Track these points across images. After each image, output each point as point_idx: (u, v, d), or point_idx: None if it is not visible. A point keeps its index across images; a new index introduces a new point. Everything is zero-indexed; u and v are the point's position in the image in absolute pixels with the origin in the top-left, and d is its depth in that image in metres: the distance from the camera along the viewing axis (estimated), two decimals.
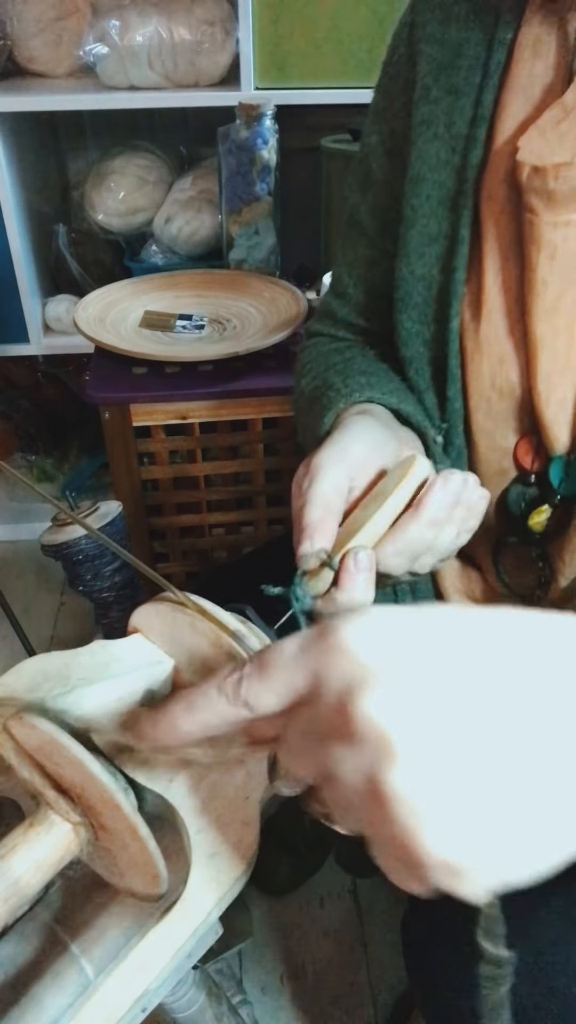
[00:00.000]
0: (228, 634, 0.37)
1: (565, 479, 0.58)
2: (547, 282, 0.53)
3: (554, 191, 0.50)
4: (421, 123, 0.59)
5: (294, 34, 1.28)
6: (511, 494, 0.63)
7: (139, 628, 0.41)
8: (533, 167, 0.51)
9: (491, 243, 0.57)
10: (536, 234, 0.52)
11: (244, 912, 1.08)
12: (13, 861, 0.31)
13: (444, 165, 0.58)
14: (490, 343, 0.58)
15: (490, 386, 0.59)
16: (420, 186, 0.60)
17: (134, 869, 0.31)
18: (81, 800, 0.32)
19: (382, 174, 0.66)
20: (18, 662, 0.38)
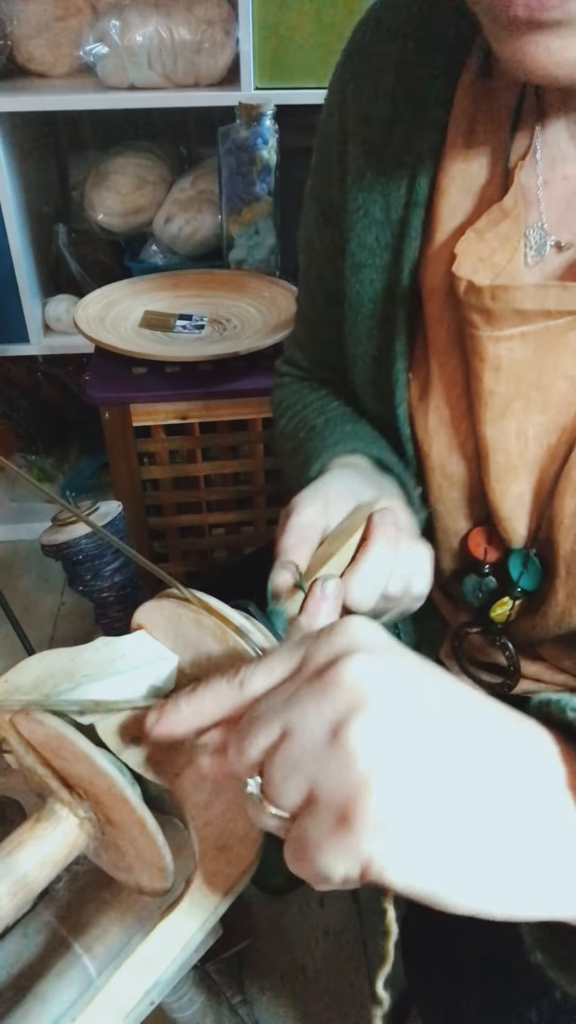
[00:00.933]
0: (233, 630, 0.37)
1: (525, 572, 0.56)
2: (494, 392, 0.51)
3: (492, 310, 0.48)
4: (357, 209, 0.57)
5: (294, 34, 1.28)
6: (466, 585, 0.61)
7: (143, 625, 0.41)
8: (470, 282, 0.48)
9: (433, 338, 0.55)
10: (479, 348, 0.50)
11: (244, 912, 1.08)
12: (20, 856, 0.31)
13: (385, 249, 0.56)
14: (438, 432, 0.56)
15: (441, 474, 0.57)
16: (362, 272, 0.58)
17: (141, 863, 0.31)
18: (88, 795, 0.32)
19: (322, 246, 0.64)
20: (18, 662, 0.38)
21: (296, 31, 1.28)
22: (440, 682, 0.31)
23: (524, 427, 0.52)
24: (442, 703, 0.30)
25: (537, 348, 0.50)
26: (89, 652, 0.39)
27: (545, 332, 0.49)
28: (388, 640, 0.31)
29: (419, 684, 0.30)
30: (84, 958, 0.36)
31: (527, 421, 0.52)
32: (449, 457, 0.57)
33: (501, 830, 0.28)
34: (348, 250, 0.58)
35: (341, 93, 0.58)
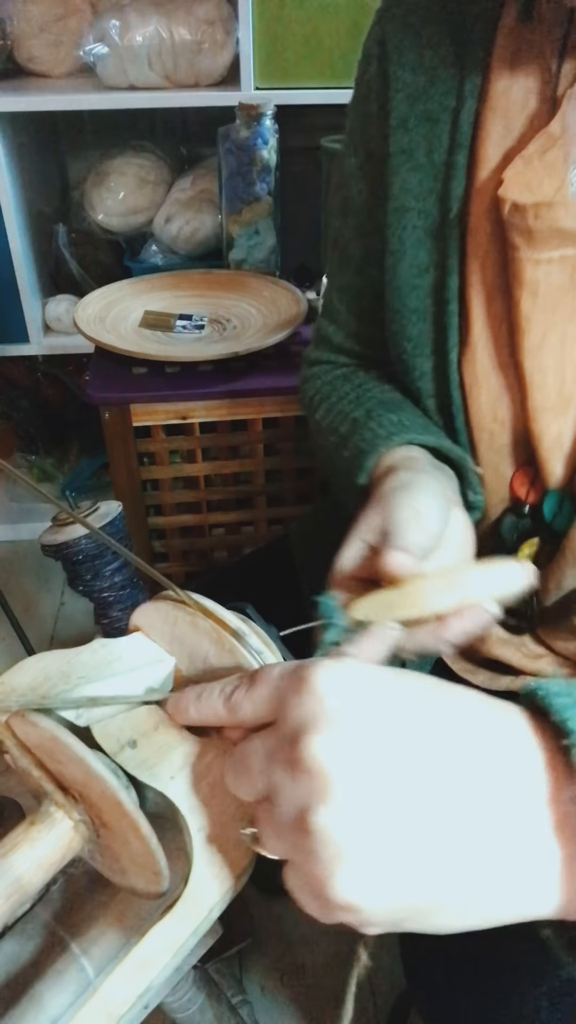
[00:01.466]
0: (229, 632, 0.37)
1: (558, 513, 0.57)
2: (531, 319, 0.52)
3: (534, 229, 0.49)
4: (400, 152, 0.57)
5: (294, 34, 1.28)
6: (504, 524, 0.61)
7: (140, 627, 0.41)
8: (514, 203, 0.49)
9: (476, 276, 0.55)
10: (518, 271, 0.51)
11: (244, 912, 1.08)
12: (15, 859, 0.31)
13: (428, 194, 0.57)
14: (487, 375, 0.57)
15: (492, 419, 0.58)
16: (405, 216, 0.58)
17: (135, 867, 0.31)
18: (83, 798, 0.32)
19: (362, 200, 0.64)
20: (18, 662, 0.38)
21: (296, 31, 1.28)
22: (412, 723, 0.30)
23: (563, 363, 0.52)
24: (412, 758, 0.29)
25: (574, 275, 0.50)
26: (86, 654, 0.39)
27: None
28: (352, 693, 0.30)
29: (383, 744, 0.29)
30: (82, 959, 0.36)
31: (565, 357, 0.52)
32: (499, 400, 0.57)
33: (476, 880, 0.29)
34: (391, 195, 0.58)
35: (380, 45, 0.58)
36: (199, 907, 0.32)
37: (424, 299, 0.59)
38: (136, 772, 0.32)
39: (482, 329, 0.56)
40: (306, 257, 1.53)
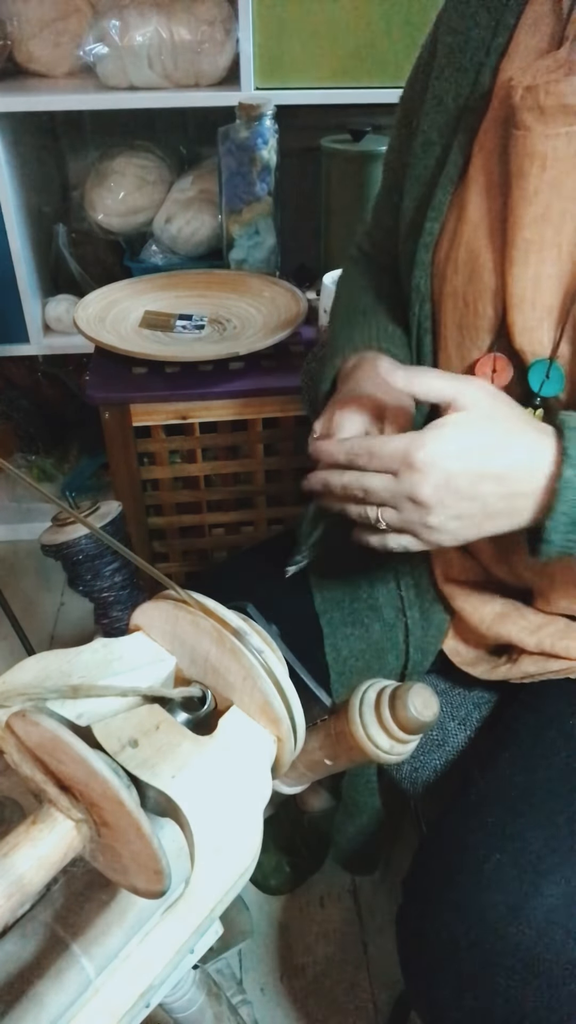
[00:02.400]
0: (230, 631, 0.37)
1: (547, 381, 0.62)
2: (539, 191, 0.58)
3: (545, 106, 0.56)
4: (433, 98, 0.67)
5: (294, 34, 1.28)
6: None
7: (141, 626, 0.41)
8: (526, 87, 0.56)
9: (477, 176, 0.63)
10: (530, 147, 0.57)
11: (244, 912, 1.08)
12: (16, 858, 0.30)
13: (447, 132, 0.66)
14: (465, 263, 0.64)
15: (462, 302, 0.66)
16: (429, 148, 0.68)
17: (137, 866, 0.31)
18: (83, 797, 0.32)
19: (398, 144, 0.75)
20: (18, 662, 0.38)
21: (296, 32, 1.28)
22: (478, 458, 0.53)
23: (559, 238, 0.58)
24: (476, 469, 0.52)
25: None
26: (87, 653, 0.39)
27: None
28: None
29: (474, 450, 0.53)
30: (82, 959, 0.36)
31: (562, 233, 0.58)
32: (470, 285, 0.64)
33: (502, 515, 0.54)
34: (420, 131, 0.68)
35: (438, 20, 0.69)
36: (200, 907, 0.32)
37: (427, 171, 0.68)
38: (137, 771, 0.32)
39: (478, 222, 0.63)
40: (306, 257, 1.53)
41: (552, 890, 0.54)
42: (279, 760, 0.38)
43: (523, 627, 0.70)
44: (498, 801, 0.60)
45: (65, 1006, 0.35)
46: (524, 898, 0.54)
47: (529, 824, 0.57)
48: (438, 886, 0.58)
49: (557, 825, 0.57)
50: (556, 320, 0.60)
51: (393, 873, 1.14)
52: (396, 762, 0.44)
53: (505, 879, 0.55)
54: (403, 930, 0.61)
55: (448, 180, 0.66)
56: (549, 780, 0.60)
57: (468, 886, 0.56)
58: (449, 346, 0.69)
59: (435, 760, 0.75)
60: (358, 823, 0.79)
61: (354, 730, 0.43)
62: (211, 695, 0.38)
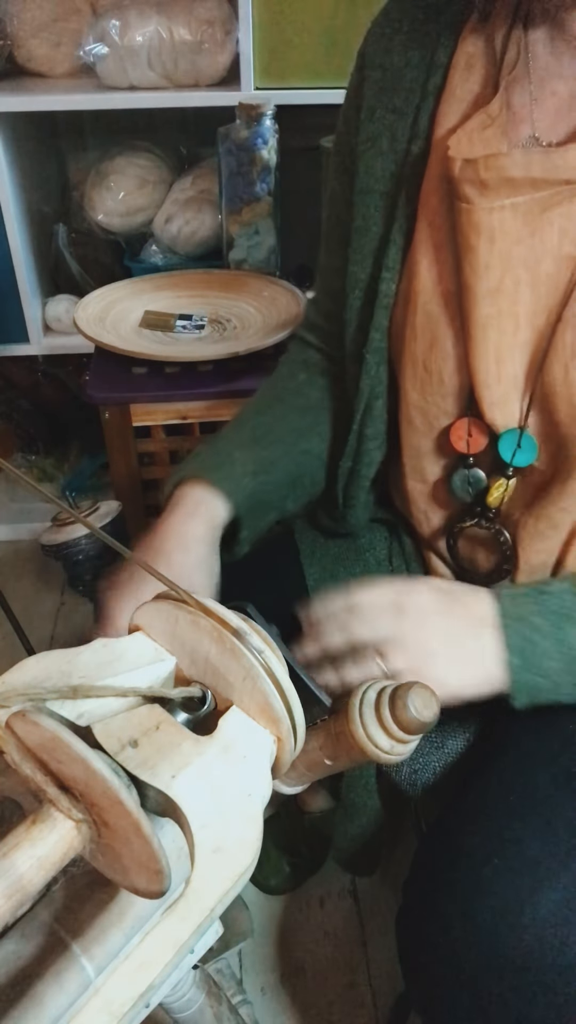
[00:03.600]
0: (230, 631, 0.37)
1: (519, 450, 0.61)
2: (489, 265, 0.57)
3: (486, 180, 0.55)
4: (366, 140, 0.64)
5: (294, 34, 1.28)
6: (455, 482, 0.67)
7: (141, 626, 0.41)
8: (464, 160, 0.55)
9: (425, 239, 0.62)
10: (475, 221, 0.56)
11: (244, 912, 1.08)
12: (15, 858, 0.30)
13: (390, 178, 0.64)
14: (423, 329, 0.63)
15: (423, 369, 0.64)
16: (368, 197, 0.65)
17: (137, 866, 0.31)
18: (83, 797, 0.32)
19: (342, 191, 0.71)
20: (18, 662, 0.38)
21: (296, 31, 1.28)
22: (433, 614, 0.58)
23: (515, 308, 0.58)
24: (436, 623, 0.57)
25: (525, 220, 0.55)
26: (87, 653, 0.39)
27: (531, 203, 0.55)
28: None
29: None
30: (82, 959, 0.36)
31: (517, 302, 0.57)
32: (430, 352, 0.63)
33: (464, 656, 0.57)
34: (357, 178, 0.66)
35: (362, 56, 0.66)
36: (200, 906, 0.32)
37: (369, 256, 0.67)
38: (137, 771, 0.32)
39: (430, 285, 0.61)
40: (306, 257, 1.53)
41: (551, 893, 0.54)
42: (279, 760, 0.38)
43: None
44: (497, 804, 0.60)
45: (65, 1006, 0.35)
46: (523, 901, 0.54)
47: (528, 827, 0.57)
48: (437, 888, 0.58)
49: (556, 829, 0.57)
50: (523, 389, 0.60)
51: (393, 873, 1.14)
52: (396, 762, 0.45)
53: (504, 882, 0.55)
54: (403, 931, 0.61)
55: (399, 234, 0.64)
56: (548, 783, 0.60)
57: (467, 889, 0.56)
58: (411, 409, 0.67)
59: (435, 761, 0.75)
60: (358, 823, 0.79)
61: (354, 730, 0.43)
62: (211, 695, 0.38)
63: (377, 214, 0.65)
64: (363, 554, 0.80)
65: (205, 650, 0.38)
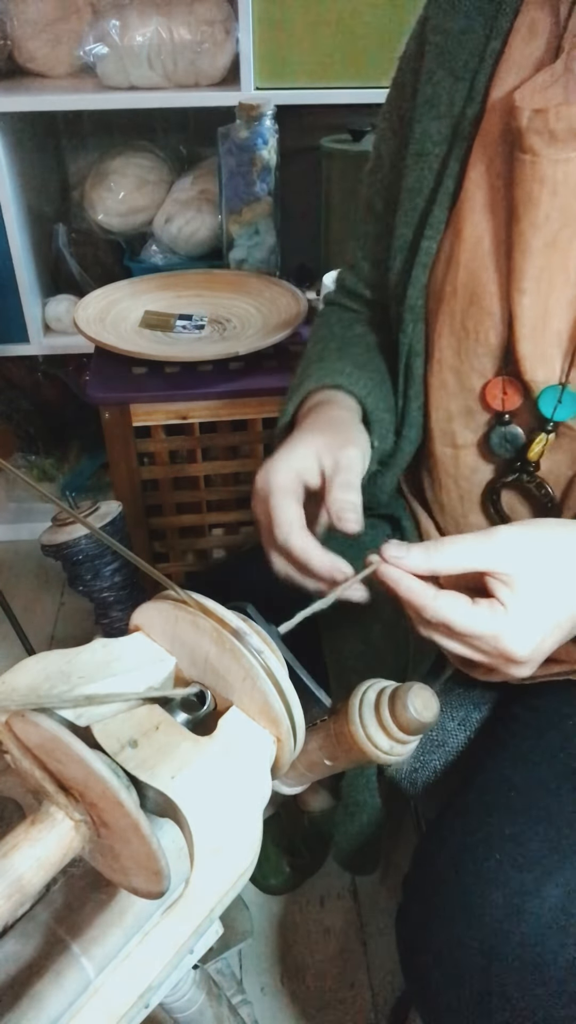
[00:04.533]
0: (230, 632, 0.37)
1: (560, 405, 0.62)
2: (549, 217, 0.57)
3: (555, 130, 0.54)
4: (425, 103, 0.64)
5: (294, 34, 1.28)
6: (493, 439, 0.67)
7: (140, 627, 0.41)
8: (534, 110, 0.55)
9: (474, 198, 0.62)
10: (539, 173, 0.56)
11: (244, 912, 1.08)
12: (15, 859, 0.30)
13: (443, 142, 0.64)
14: (464, 286, 0.63)
15: (461, 327, 0.64)
16: (423, 159, 0.65)
17: (136, 866, 0.31)
18: (83, 798, 0.32)
19: (388, 155, 0.71)
20: (18, 662, 0.38)
21: (296, 31, 1.28)
22: None
23: (567, 263, 0.57)
24: None
25: None
26: (87, 654, 0.39)
27: None
28: None
29: None
30: (82, 959, 0.36)
31: (570, 257, 0.57)
32: (469, 308, 0.63)
33: None
34: (412, 140, 0.65)
35: (422, 24, 0.66)
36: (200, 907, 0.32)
37: (418, 217, 0.66)
38: (137, 772, 0.32)
39: (478, 242, 0.61)
40: (306, 257, 1.53)
41: (551, 890, 0.54)
42: (279, 760, 0.38)
43: None
44: (498, 801, 0.60)
45: (65, 1006, 0.35)
46: (524, 898, 0.54)
47: (528, 825, 0.57)
48: (438, 886, 0.58)
49: (556, 826, 0.57)
50: (566, 345, 0.60)
51: (393, 873, 1.14)
52: (396, 763, 0.44)
53: (504, 879, 0.55)
54: (403, 930, 0.61)
55: (446, 195, 0.64)
56: (548, 781, 0.60)
57: (468, 886, 0.56)
58: (444, 370, 0.67)
59: (435, 760, 0.75)
60: (358, 823, 0.79)
61: (354, 731, 0.43)
62: (210, 695, 0.38)
63: (431, 175, 0.65)
64: (364, 551, 0.79)
65: (205, 650, 0.38)
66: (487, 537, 0.49)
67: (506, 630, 0.47)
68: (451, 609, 0.48)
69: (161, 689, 0.39)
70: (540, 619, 0.48)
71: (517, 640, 0.48)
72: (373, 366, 0.73)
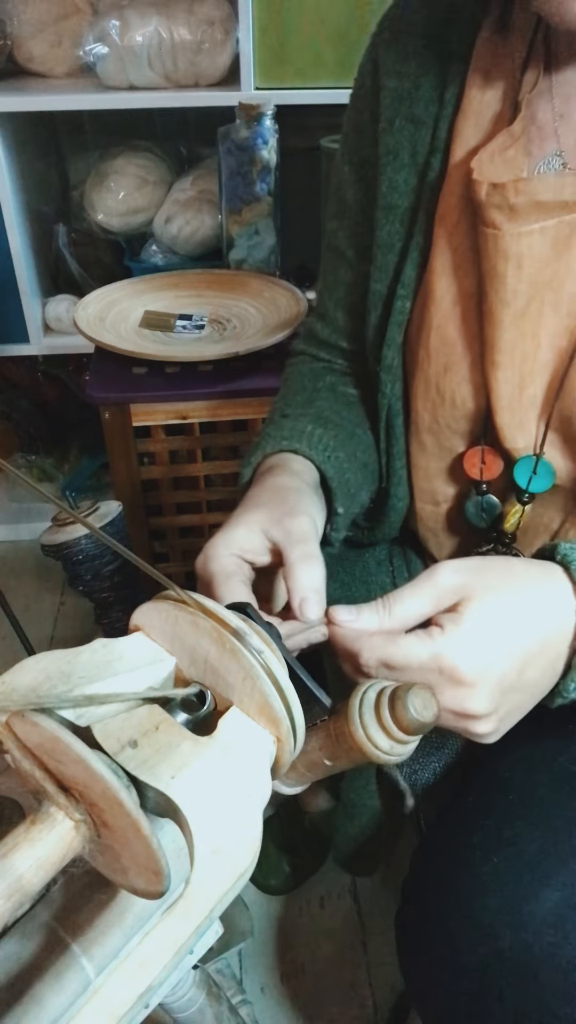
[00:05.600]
0: (230, 632, 0.37)
1: (535, 476, 0.60)
2: (517, 292, 0.55)
3: (515, 205, 0.53)
4: (387, 153, 0.62)
5: (294, 34, 1.28)
6: (468, 509, 0.66)
7: (140, 627, 0.41)
8: (492, 184, 0.53)
9: (442, 259, 0.60)
10: (502, 247, 0.54)
11: (244, 912, 1.08)
12: (15, 859, 0.30)
13: (409, 193, 0.62)
14: (438, 352, 0.61)
15: (436, 392, 0.63)
16: (392, 213, 0.63)
17: (136, 866, 0.31)
18: (83, 797, 0.32)
19: (355, 202, 0.68)
20: (18, 662, 0.38)
21: (296, 31, 1.28)
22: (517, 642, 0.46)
23: (537, 330, 0.57)
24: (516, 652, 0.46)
25: (554, 244, 0.54)
26: (87, 654, 0.39)
27: (561, 226, 0.53)
28: None
29: None
30: (82, 959, 0.36)
31: (540, 324, 0.56)
32: (444, 375, 0.61)
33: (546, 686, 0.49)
34: (380, 194, 0.63)
35: (373, 62, 0.64)
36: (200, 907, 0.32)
37: (390, 273, 0.65)
38: (137, 772, 0.32)
39: (449, 308, 0.60)
40: (306, 257, 1.53)
41: (550, 892, 0.54)
42: (279, 760, 0.38)
43: None
44: (496, 804, 0.60)
45: (65, 1006, 0.35)
46: (522, 900, 0.54)
47: (527, 826, 0.57)
48: (437, 887, 0.58)
49: (555, 828, 0.57)
50: (540, 412, 0.59)
51: (393, 873, 1.14)
52: (396, 763, 0.45)
53: (503, 881, 0.55)
54: (403, 930, 0.61)
55: (416, 250, 0.62)
56: (547, 783, 0.60)
57: (467, 888, 0.56)
58: (422, 432, 0.66)
59: (434, 762, 0.75)
60: (358, 823, 0.79)
61: (354, 731, 0.43)
62: (210, 696, 0.38)
63: (402, 229, 0.63)
64: (363, 555, 0.80)
65: (205, 650, 0.38)
66: (428, 579, 0.46)
67: (446, 648, 0.44)
68: (384, 643, 0.45)
69: (161, 689, 0.39)
70: (485, 636, 0.45)
71: (459, 656, 0.44)
72: (339, 420, 0.69)
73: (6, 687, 0.36)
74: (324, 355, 0.78)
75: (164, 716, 0.35)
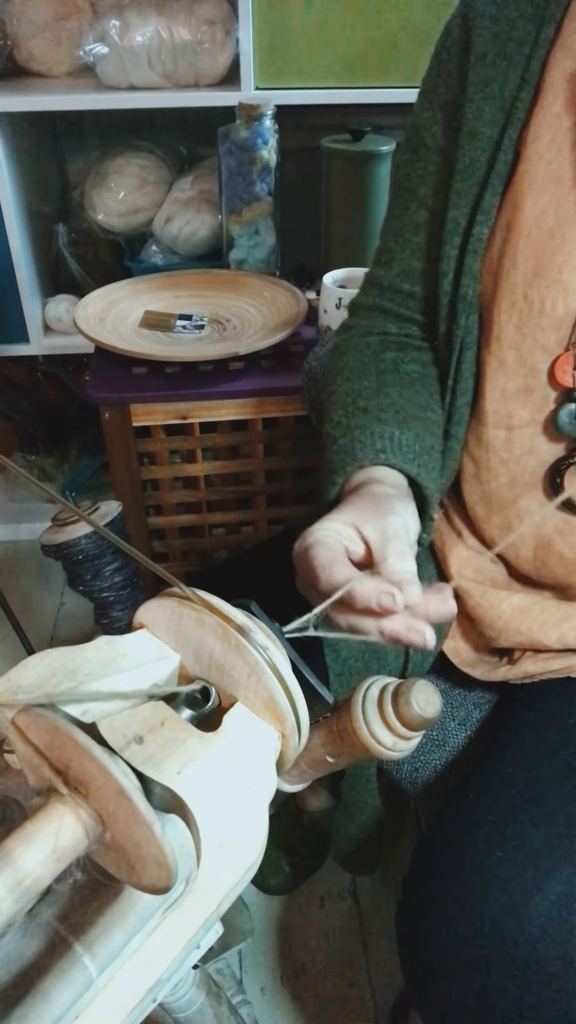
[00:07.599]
0: (235, 628, 0.37)
1: None
2: None
3: None
4: (478, 83, 0.64)
5: (294, 34, 1.28)
6: (561, 417, 0.64)
7: (145, 624, 0.41)
8: None
9: (533, 173, 0.62)
10: None
11: (244, 912, 1.08)
12: (21, 855, 0.30)
13: (495, 123, 0.64)
14: (527, 256, 0.62)
15: (524, 299, 0.63)
16: (475, 140, 0.65)
17: (143, 862, 0.31)
18: (89, 793, 0.32)
19: (435, 143, 0.70)
20: (18, 662, 0.38)
21: (296, 31, 1.28)
22: None
23: None
24: None
25: None
26: (91, 651, 0.39)
27: None
28: None
29: None
30: (84, 958, 0.36)
31: None
32: (533, 280, 0.62)
33: None
34: (464, 120, 0.65)
35: (464, 17, 0.66)
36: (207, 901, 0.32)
37: (470, 200, 0.66)
38: (143, 768, 0.32)
39: (536, 211, 0.61)
40: (306, 257, 1.53)
41: (552, 888, 0.54)
42: (283, 756, 0.38)
43: (545, 621, 0.69)
44: (498, 800, 0.60)
45: (68, 1004, 0.35)
46: (524, 896, 0.54)
47: (529, 823, 0.57)
48: (438, 885, 0.58)
49: (557, 824, 0.57)
50: None
51: (393, 873, 1.14)
52: (398, 759, 0.44)
53: (505, 878, 0.55)
54: (403, 929, 0.61)
55: (498, 178, 0.64)
56: (549, 779, 0.60)
57: (468, 885, 0.56)
58: (503, 348, 0.66)
59: (435, 760, 0.75)
60: (358, 822, 0.79)
61: (357, 726, 0.43)
62: (215, 692, 0.38)
63: (483, 157, 0.65)
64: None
65: (209, 647, 0.38)
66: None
67: None
68: None
69: (166, 686, 0.39)
70: None
71: None
72: (412, 409, 0.68)
73: (11, 684, 0.36)
74: (388, 305, 0.76)
75: (169, 712, 0.35)
